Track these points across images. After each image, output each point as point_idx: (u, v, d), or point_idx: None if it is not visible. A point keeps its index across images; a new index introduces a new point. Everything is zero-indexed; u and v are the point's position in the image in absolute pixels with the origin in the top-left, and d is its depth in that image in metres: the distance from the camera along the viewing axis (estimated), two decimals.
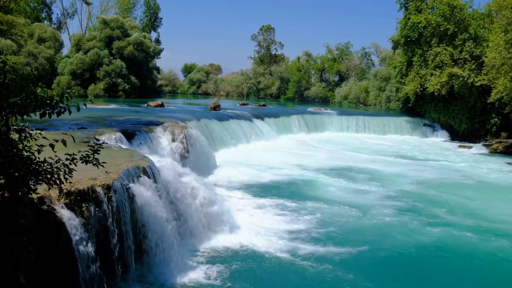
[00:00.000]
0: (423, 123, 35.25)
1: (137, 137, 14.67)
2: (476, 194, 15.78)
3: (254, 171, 17.71)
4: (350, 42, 70.12)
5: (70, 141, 5.37)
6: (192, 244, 9.52)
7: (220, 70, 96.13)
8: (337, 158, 22.40)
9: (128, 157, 9.50)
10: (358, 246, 10.09)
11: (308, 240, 10.31)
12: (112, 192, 7.17)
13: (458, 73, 29.92)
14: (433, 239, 10.83)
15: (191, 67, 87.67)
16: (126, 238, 7.43)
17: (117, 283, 7.13)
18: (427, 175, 18.95)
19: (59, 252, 5.97)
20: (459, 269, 9.38)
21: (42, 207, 5.86)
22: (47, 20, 62.58)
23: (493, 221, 12.46)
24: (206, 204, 10.28)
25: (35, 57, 44.65)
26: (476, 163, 23.10)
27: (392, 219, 12.22)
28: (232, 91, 77.91)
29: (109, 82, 46.80)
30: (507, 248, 10.44)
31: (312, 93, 65.94)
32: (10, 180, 4.47)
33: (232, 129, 24.36)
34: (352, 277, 8.48)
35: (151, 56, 54.32)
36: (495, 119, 30.91)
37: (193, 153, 16.17)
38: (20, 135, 4.53)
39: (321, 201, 13.65)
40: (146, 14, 69.31)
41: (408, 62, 35.26)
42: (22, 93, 4.41)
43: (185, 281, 7.97)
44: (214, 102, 30.47)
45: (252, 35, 78.12)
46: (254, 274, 8.51)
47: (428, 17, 31.89)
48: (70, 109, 4.67)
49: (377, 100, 51.93)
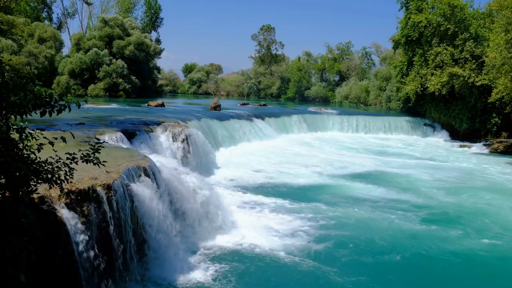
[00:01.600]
0: (423, 123, 35.22)
1: (137, 137, 14.67)
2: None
3: (253, 170, 17.71)
4: (350, 42, 70.23)
5: (70, 141, 5.36)
6: (192, 244, 9.52)
7: (220, 70, 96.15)
8: (338, 157, 22.37)
9: (129, 156, 9.50)
10: (360, 246, 10.08)
11: (309, 240, 10.29)
12: (112, 191, 7.17)
13: (459, 73, 29.88)
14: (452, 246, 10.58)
15: (191, 67, 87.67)
16: (126, 238, 7.42)
17: (117, 283, 7.13)
18: (432, 174, 18.96)
19: (59, 252, 5.96)
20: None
21: (42, 207, 5.85)
22: (48, 20, 62.64)
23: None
24: (206, 203, 10.27)
25: (35, 57, 44.65)
26: (481, 162, 23.07)
27: (396, 220, 12.21)
28: (233, 91, 77.93)
29: (109, 82, 46.80)
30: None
31: (312, 93, 65.93)
32: (11, 180, 4.46)
33: (233, 129, 24.36)
34: (353, 279, 8.46)
35: (152, 56, 54.34)
36: (496, 119, 30.87)
37: (193, 153, 16.16)
38: (21, 135, 4.52)
39: (323, 202, 13.61)
40: (147, 14, 69.37)
41: (409, 61, 35.24)
42: (20, 92, 4.40)
43: (186, 281, 7.97)
44: (214, 102, 30.46)
45: (252, 35, 78.13)
46: (255, 273, 8.50)
47: (428, 16, 31.86)
48: (70, 107, 4.65)
49: (378, 100, 51.91)
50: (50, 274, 5.80)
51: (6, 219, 4.32)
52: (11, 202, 4.43)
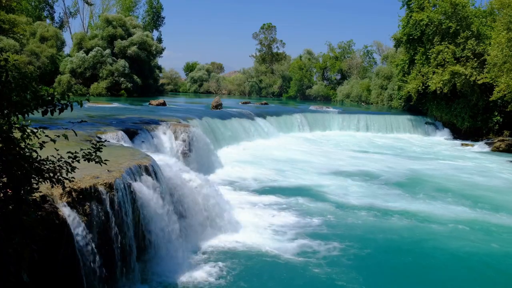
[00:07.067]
0: (425, 121, 35.17)
1: (139, 136, 14.68)
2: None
3: (255, 169, 17.71)
4: (352, 41, 70.24)
5: (72, 140, 5.37)
6: (194, 243, 9.52)
7: (222, 69, 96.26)
8: (339, 156, 22.38)
9: (130, 155, 9.51)
10: (362, 246, 10.05)
11: (311, 239, 10.27)
12: (114, 190, 7.18)
13: (460, 71, 29.84)
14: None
15: (192, 66, 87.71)
16: (128, 237, 7.44)
17: (119, 281, 7.15)
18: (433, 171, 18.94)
19: (61, 251, 5.98)
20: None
21: (44, 206, 5.87)
22: (49, 19, 62.71)
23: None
24: (208, 202, 10.27)
25: (37, 56, 44.73)
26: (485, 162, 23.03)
27: (400, 220, 12.22)
28: (234, 90, 77.98)
29: (111, 81, 46.89)
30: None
31: (314, 91, 65.94)
32: (13, 178, 4.48)
33: (234, 128, 24.36)
34: (355, 277, 8.46)
35: (153, 55, 54.38)
36: (498, 117, 30.81)
37: (195, 152, 16.17)
38: (23, 134, 4.53)
39: (325, 201, 13.60)
40: (149, 13, 69.35)
41: (410, 60, 35.20)
42: (22, 91, 4.41)
43: (187, 280, 7.98)
44: (216, 100, 30.48)
45: (253, 34, 78.30)
46: (256, 273, 8.50)
47: (430, 15, 31.79)
48: (72, 106, 4.66)
49: (379, 99, 51.86)
50: (52, 272, 5.83)
51: (8, 218, 4.34)
52: (14, 201, 4.45)
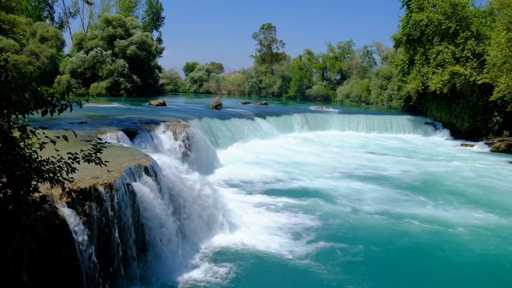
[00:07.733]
0: (425, 121, 35.18)
1: (139, 136, 14.68)
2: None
3: (255, 169, 17.71)
4: (352, 41, 70.34)
5: (72, 140, 5.38)
6: (193, 243, 9.52)
7: (221, 69, 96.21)
8: (340, 156, 22.38)
9: (130, 155, 9.52)
10: (364, 245, 10.05)
11: (309, 239, 10.29)
12: (114, 190, 7.19)
13: (460, 71, 29.85)
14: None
15: (192, 66, 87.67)
16: (128, 237, 7.44)
17: (118, 282, 7.15)
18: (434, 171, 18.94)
19: (61, 251, 5.99)
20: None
21: (44, 206, 5.87)
22: (49, 19, 62.71)
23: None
24: (207, 202, 10.28)
25: (37, 56, 44.73)
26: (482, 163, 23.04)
27: (400, 220, 12.22)
28: (234, 90, 77.97)
29: (111, 81, 46.88)
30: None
31: (313, 91, 65.94)
32: (13, 179, 4.48)
33: (234, 128, 24.36)
34: (358, 281, 8.46)
35: (153, 55, 54.38)
36: (497, 117, 30.82)
37: (194, 152, 16.18)
38: (22, 134, 4.53)
39: (325, 200, 13.62)
40: (148, 13, 69.34)
41: (410, 60, 35.21)
42: (22, 91, 4.41)
43: (187, 280, 7.98)
44: (216, 100, 30.48)
45: (253, 34, 78.27)
46: (256, 273, 8.51)
47: (430, 15, 31.80)
48: (71, 106, 4.67)
49: (379, 99, 51.87)
50: (52, 272, 5.83)
51: (8, 218, 4.35)
52: (14, 201, 4.45)
